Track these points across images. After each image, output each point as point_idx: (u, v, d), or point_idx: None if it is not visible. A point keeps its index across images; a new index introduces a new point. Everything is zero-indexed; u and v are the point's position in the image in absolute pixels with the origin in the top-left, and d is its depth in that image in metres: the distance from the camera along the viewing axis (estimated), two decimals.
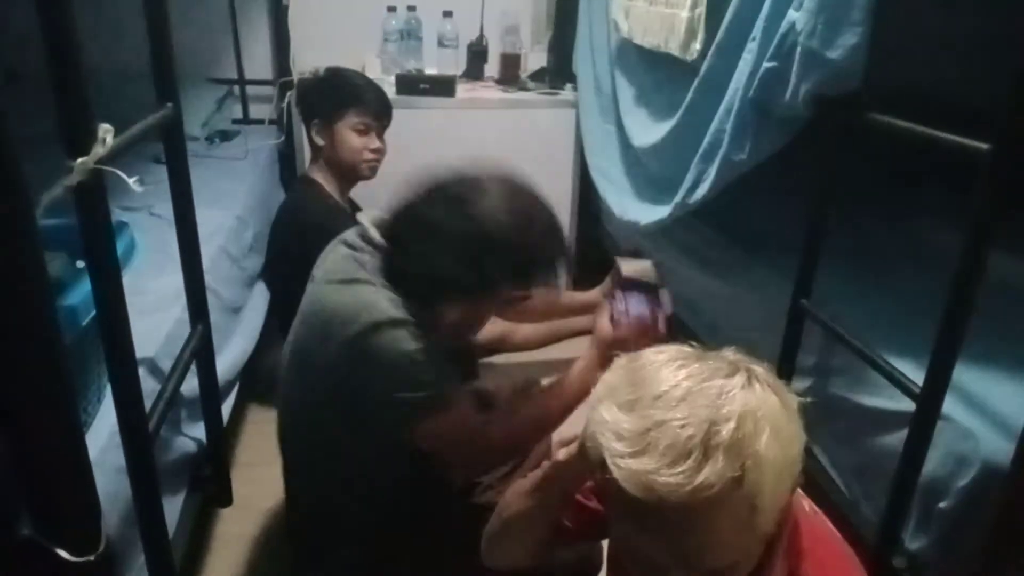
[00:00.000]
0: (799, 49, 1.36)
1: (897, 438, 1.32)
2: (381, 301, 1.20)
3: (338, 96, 2.13)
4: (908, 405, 1.22)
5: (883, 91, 1.31)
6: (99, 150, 0.88)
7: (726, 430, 0.71)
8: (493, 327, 2.09)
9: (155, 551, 1.08)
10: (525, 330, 2.16)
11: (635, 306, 1.32)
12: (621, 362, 0.85)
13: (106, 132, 0.88)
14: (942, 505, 1.21)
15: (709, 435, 0.71)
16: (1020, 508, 1.05)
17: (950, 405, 1.19)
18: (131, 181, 0.87)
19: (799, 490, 0.92)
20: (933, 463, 1.21)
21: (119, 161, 0.92)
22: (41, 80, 0.86)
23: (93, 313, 1.01)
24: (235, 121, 2.99)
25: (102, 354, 1.13)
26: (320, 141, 2.15)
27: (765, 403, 0.75)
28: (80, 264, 1.20)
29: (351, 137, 2.12)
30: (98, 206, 0.89)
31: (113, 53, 2.35)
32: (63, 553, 0.83)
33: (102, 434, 1.12)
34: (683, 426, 0.72)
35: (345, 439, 1.31)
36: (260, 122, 2.99)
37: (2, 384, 0.77)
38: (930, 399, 1.16)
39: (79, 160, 0.86)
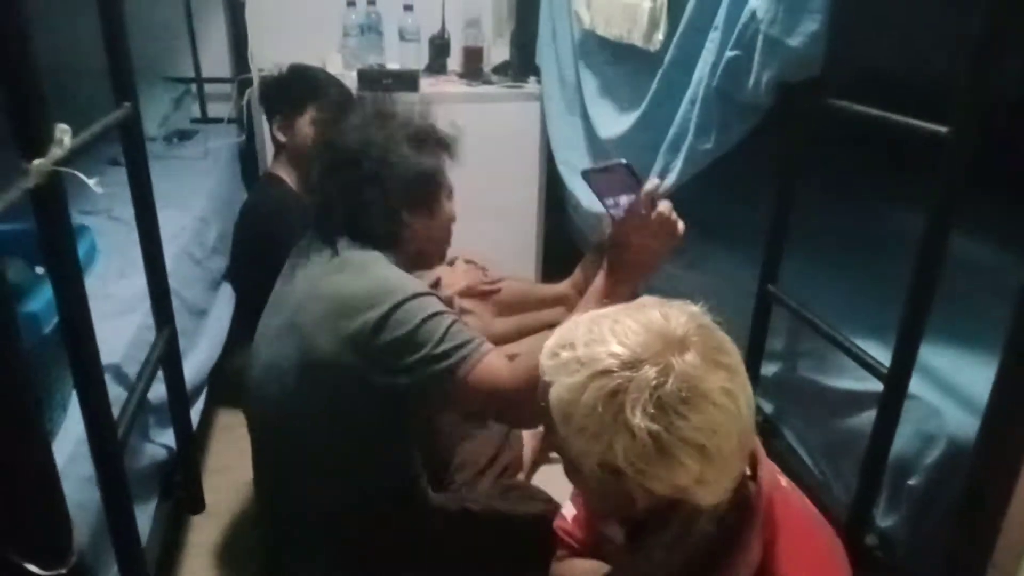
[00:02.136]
0: (760, 37, 1.37)
1: (865, 418, 1.35)
2: (392, 278, 1.25)
3: (298, 91, 2.11)
4: (875, 385, 1.25)
5: (845, 78, 1.33)
6: (57, 151, 0.85)
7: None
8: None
9: (128, 561, 1.05)
10: (496, 326, 2.16)
11: (618, 192, 1.18)
12: None
13: (63, 132, 0.86)
14: (911, 482, 1.24)
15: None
16: (986, 481, 1.07)
17: (916, 384, 1.22)
18: (91, 182, 0.85)
19: (775, 467, 0.94)
20: (901, 441, 1.24)
21: (75, 164, 0.90)
22: None
23: (55, 320, 0.98)
24: (193, 120, 2.93)
25: (65, 361, 1.10)
26: (282, 137, 2.13)
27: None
28: (40, 270, 1.17)
29: (312, 132, 2.10)
30: (57, 209, 0.87)
31: (65, 51, 2.29)
32: (32, 568, 0.81)
33: (68, 443, 1.09)
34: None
35: (330, 434, 1.30)
36: (219, 121, 2.93)
37: None
38: (897, 379, 1.19)
39: (36, 162, 0.83)
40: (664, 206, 1.14)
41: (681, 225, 1.16)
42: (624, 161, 1.13)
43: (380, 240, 1.32)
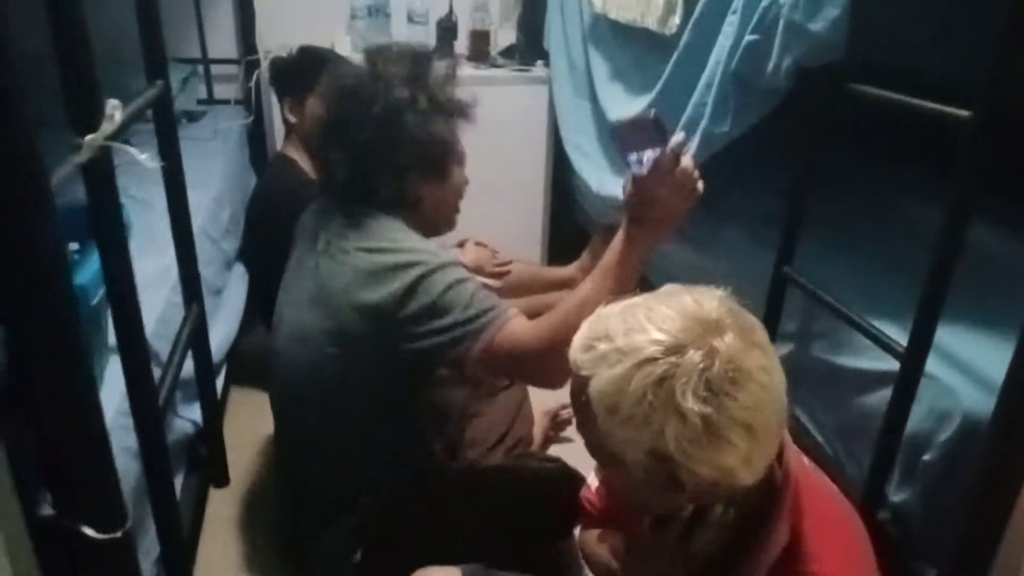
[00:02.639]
0: (782, 22, 1.39)
1: (878, 397, 1.38)
2: (418, 248, 1.28)
3: (309, 73, 2.12)
4: (889, 365, 1.28)
5: (863, 64, 1.35)
6: (107, 127, 0.86)
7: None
8: None
9: (167, 529, 1.07)
10: None
11: (643, 147, 1.16)
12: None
13: (114, 108, 0.87)
14: (925, 458, 1.27)
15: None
16: (1002, 456, 1.11)
17: (931, 364, 1.24)
18: (142, 157, 0.86)
19: (798, 449, 0.96)
20: (916, 419, 1.27)
21: None
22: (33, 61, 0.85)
23: (100, 292, 0.99)
24: (200, 101, 2.92)
25: (101, 335, 1.12)
26: (292, 119, 2.14)
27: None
28: (74, 246, 1.18)
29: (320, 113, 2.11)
30: (108, 183, 0.88)
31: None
32: (88, 531, 0.83)
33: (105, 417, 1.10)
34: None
35: (353, 403, 1.33)
36: (226, 102, 2.93)
37: (21, 364, 0.77)
38: (914, 358, 1.22)
39: (88, 137, 0.85)
40: (687, 162, 1.14)
41: (701, 184, 1.16)
42: (653, 112, 1.12)
43: (389, 204, 1.34)
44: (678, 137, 1.13)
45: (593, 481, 1.18)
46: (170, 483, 1.08)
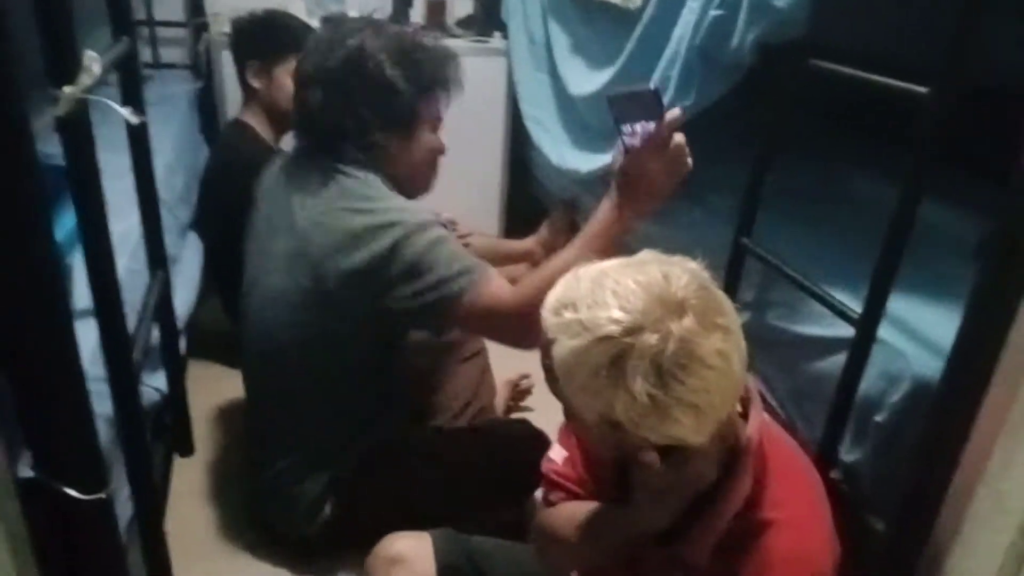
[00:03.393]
0: None
1: (831, 362, 1.44)
2: (397, 207, 1.30)
3: (278, 39, 2.07)
4: (844, 331, 1.34)
5: (827, 41, 1.40)
6: (86, 79, 0.84)
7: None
8: None
9: (142, 494, 1.06)
10: None
11: (637, 118, 1.16)
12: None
13: (92, 60, 0.85)
14: (877, 419, 1.34)
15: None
16: (946, 417, 1.17)
17: (883, 330, 1.31)
18: (124, 111, 0.84)
19: (759, 402, 1.01)
20: (868, 382, 1.33)
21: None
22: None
23: (74, 251, 0.97)
24: (145, 65, 2.82)
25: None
26: (256, 84, 2.09)
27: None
28: None
29: (290, 83, 2.06)
30: (85, 137, 0.86)
31: None
32: (71, 491, 0.82)
33: None
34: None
35: (327, 364, 1.36)
36: (172, 66, 2.84)
37: (2, 323, 0.76)
38: (868, 323, 1.28)
39: (67, 89, 0.82)
40: (680, 138, 1.16)
41: (690, 161, 1.19)
42: (653, 87, 1.13)
43: (359, 157, 1.35)
44: (675, 112, 1.15)
45: (559, 453, 1.20)
46: (146, 447, 1.07)
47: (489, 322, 1.28)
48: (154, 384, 1.42)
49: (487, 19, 2.87)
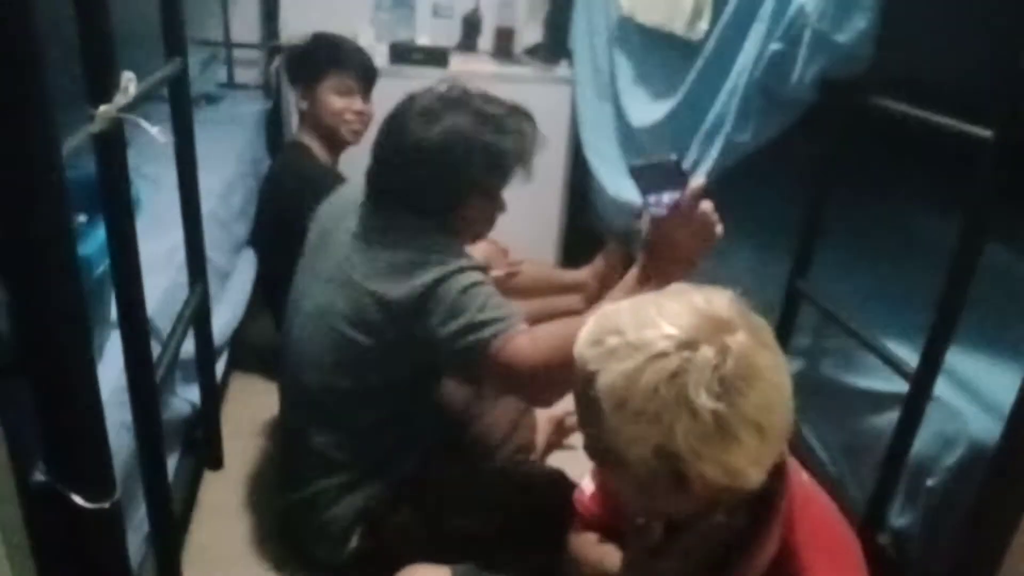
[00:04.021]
0: (808, 32, 1.37)
1: (886, 419, 1.36)
2: (440, 247, 1.30)
3: (319, 58, 2.13)
4: (899, 387, 1.26)
5: (888, 77, 1.33)
6: (121, 99, 0.86)
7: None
8: None
9: (157, 504, 1.07)
10: None
11: (662, 188, 1.16)
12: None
13: (128, 80, 0.87)
14: (929, 483, 1.25)
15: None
16: (1005, 486, 1.09)
17: (940, 386, 1.22)
18: (154, 130, 0.86)
19: (796, 462, 0.95)
20: (921, 442, 1.25)
21: None
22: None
23: (104, 265, 0.99)
24: (220, 85, 2.92)
25: (103, 309, 1.12)
26: (303, 105, 2.14)
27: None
28: (82, 218, 1.18)
29: (332, 99, 2.11)
30: (118, 155, 0.88)
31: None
32: (77, 499, 0.83)
33: (103, 391, 1.10)
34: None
35: (359, 394, 1.36)
36: (246, 87, 2.94)
37: (23, 331, 0.77)
38: (923, 380, 1.20)
39: (101, 108, 0.84)
40: (707, 205, 1.14)
41: (720, 227, 1.16)
42: (675, 156, 1.12)
43: (430, 213, 1.35)
44: (698, 181, 1.13)
45: (587, 485, 1.16)
46: (162, 460, 1.08)
47: (508, 375, 1.26)
48: (188, 397, 1.44)
49: (555, 47, 2.86)
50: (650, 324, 0.78)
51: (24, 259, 0.73)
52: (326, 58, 2.13)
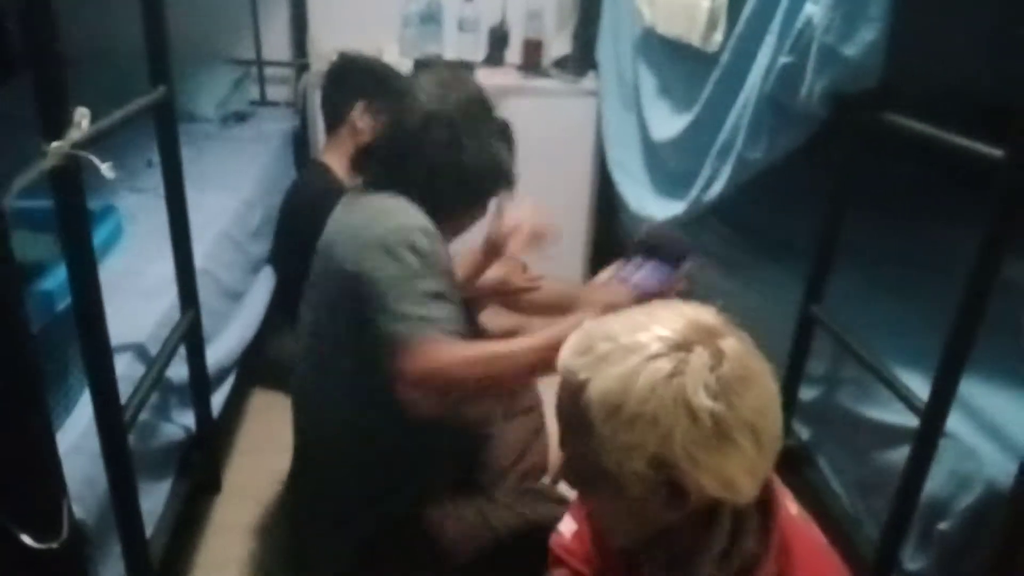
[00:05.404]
0: (815, 44, 1.30)
1: (902, 454, 1.27)
2: (411, 224, 1.25)
3: (351, 82, 2.14)
4: (915, 420, 1.18)
5: (902, 90, 1.26)
6: (74, 134, 0.86)
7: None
8: (501, 320, 2.06)
9: (129, 534, 1.07)
10: (536, 325, 2.12)
11: (645, 277, 1.17)
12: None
13: (82, 116, 0.87)
14: (942, 526, 1.17)
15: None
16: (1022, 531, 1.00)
17: (955, 421, 1.15)
18: (104, 167, 0.85)
19: (786, 492, 0.90)
20: (935, 482, 1.17)
21: (132, 142, 0.89)
22: None
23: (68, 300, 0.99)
24: (252, 102, 2.97)
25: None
26: (361, 124, 2.13)
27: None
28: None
29: (361, 122, 2.11)
30: (73, 191, 0.88)
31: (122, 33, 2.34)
32: (26, 538, 0.82)
33: (83, 419, 1.10)
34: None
35: (358, 410, 1.33)
36: (277, 104, 2.97)
37: None
38: (934, 416, 1.12)
39: (54, 144, 0.84)
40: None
41: None
42: (682, 239, 1.13)
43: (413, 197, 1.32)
44: (686, 267, 1.15)
45: (568, 527, 1.11)
46: (134, 494, 1.07)
47: (422, 376, 1.17)
48: (185, 422, 1.44)
49: (583, 59, 2.82)
50: (642, 328, 0.78)
51: None
52: (357, 83, 2.13)
